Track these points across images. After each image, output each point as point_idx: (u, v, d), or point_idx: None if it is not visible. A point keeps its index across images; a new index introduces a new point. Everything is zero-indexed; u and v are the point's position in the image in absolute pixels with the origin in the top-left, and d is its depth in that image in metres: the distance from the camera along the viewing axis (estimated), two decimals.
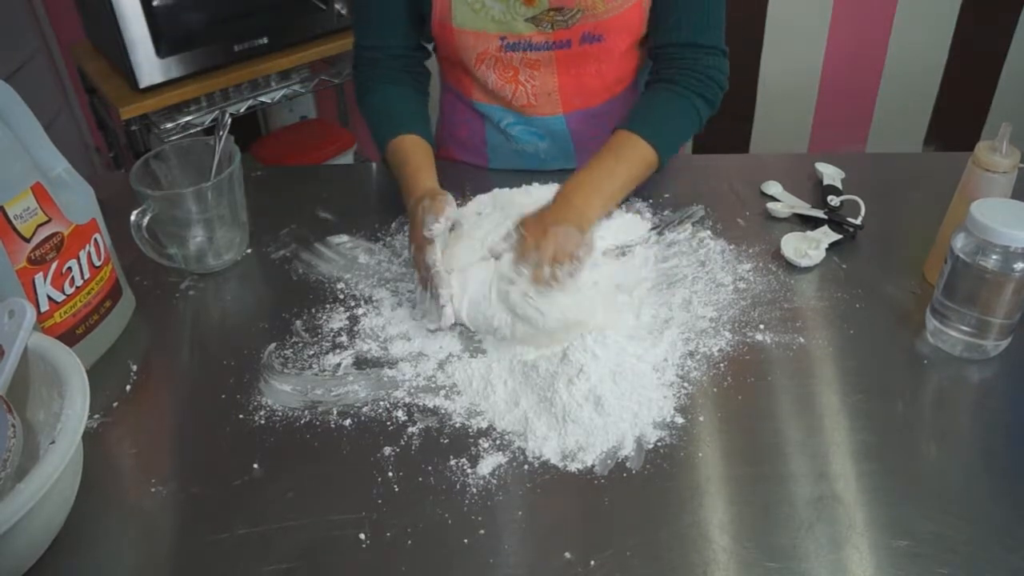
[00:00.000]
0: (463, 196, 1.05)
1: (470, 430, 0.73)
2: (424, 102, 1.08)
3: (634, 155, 0.94)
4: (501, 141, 1.12)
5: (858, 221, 0.95)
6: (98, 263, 0.81)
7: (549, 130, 1.09)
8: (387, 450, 0.72)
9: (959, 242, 0.76)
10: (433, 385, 0.78)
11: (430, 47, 1.11)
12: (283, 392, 0.78)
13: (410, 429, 0.74)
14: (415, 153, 0.97)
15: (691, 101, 0.98)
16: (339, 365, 0.81)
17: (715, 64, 0.99)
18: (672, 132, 0.97)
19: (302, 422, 0.75)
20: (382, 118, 1.03)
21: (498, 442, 0.72)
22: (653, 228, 0.98)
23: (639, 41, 1.04)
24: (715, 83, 0.99)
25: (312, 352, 0.83)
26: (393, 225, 1.01)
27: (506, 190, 1.00)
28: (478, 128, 1.12)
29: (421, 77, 1.09)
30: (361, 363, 0.81)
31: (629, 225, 0.97)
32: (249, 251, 0.99)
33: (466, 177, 1.09)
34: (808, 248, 0.92)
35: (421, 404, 0.76)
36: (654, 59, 1.03)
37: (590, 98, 1.07)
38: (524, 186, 1.02)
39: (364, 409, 0.76)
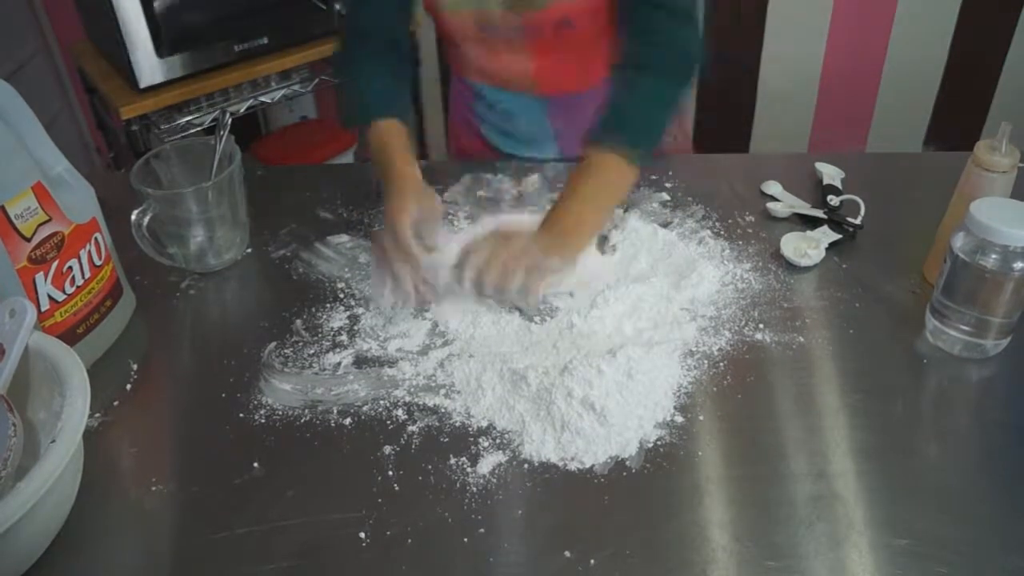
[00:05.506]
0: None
1: (470, 429, 0.73)
2: (406, 85, 1.06)
3: (613, 177, 0.89)
4: (490, 117, 1.14)
5: (858, 221, 0.95)
6: (99, 262, 0.81)
7: (529, 110, 1.11)
8: (387, 449, 0.72)
9: (958, 241, 0.76)
10: (433, 384, 0.78)
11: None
12: (283, 391, 0.78)
13: (410, 428, 0.74)
14: (392, 135, 0.95)
15: (665, 88, 0.91)
16: (339, 364, 0.81)
17: (685, 36, 0.92)
18: (649, 135, 0.90)
19: (302, 421, 0.75)
20: (362, 97, 1.00)
21: (498, 441, 0.72)
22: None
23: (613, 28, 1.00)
24: (688, 59, 0.92)
25: (312, 351, 0.83)
26: None
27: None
28: (469, 104, 1.16)
29: (406, 59, 1.07)
30: (361, 362, 0.81)
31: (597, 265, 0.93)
32: (249, 250, 0.99)
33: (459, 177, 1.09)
34: (808, 248, 0.92)
35: (421, 403, 0.76)
36: (621, 31, 0.96)
37: (569, 85, 1.08)
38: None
39: (364, 408, 0.76)
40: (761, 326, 0.84)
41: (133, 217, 0.87)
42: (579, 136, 0.91)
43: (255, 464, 0.71)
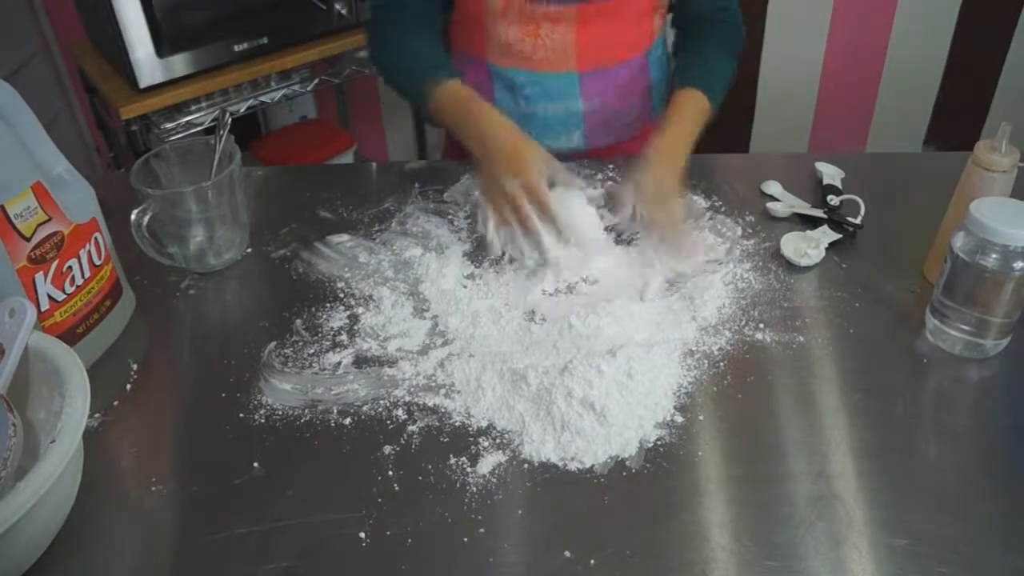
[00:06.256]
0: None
1: (470, 429, 0.73)
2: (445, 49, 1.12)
3: (698, 112, 1.03)
4: (509, 105, 1.12)
5: (858, 221, 0.95)
6: (98, 262, 0.81)
7: (560, 91, 1.11)
8: (387, 449, 0.72)
9: (959, 241, 0.76)
10: (433, 384, 0.78)
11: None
12: (283, 391, 0.78)
13: (410, 428, 0.74)
14: (472, 95, 0.98)
15: (728, 58, 1.11)
16: (339, 364, 0.81)
17: (737, 24, 1.14)
18: (721, 86, 1.08)
19: (302, 421, 0.75)
20: (416, 64, 1.04)
21: (498, 441, 0.72)
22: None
23: (654, 8, 1.10)
24: (739, 41, 1.14)
25: (312, 351, 0.83)
26: (393, 224, 1.02)
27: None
28: (487, 91, 1.12)
29: (438, 32, 1.12)
30: (361, 362, 0.81)
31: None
32: (249, 250, 0.99)
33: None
34: (808, 247, 0.92)
35: (421, 403, 0.76)
36: (682, 27, 1.16)
37: (604, 58, 1.09)
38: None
39: (364, 408, 0.76)
40: (761, 326, 0.84)
41: (133, 217, 0.87)
42: (610, 115, 1.10)
43: (255, 464, 0.71)
